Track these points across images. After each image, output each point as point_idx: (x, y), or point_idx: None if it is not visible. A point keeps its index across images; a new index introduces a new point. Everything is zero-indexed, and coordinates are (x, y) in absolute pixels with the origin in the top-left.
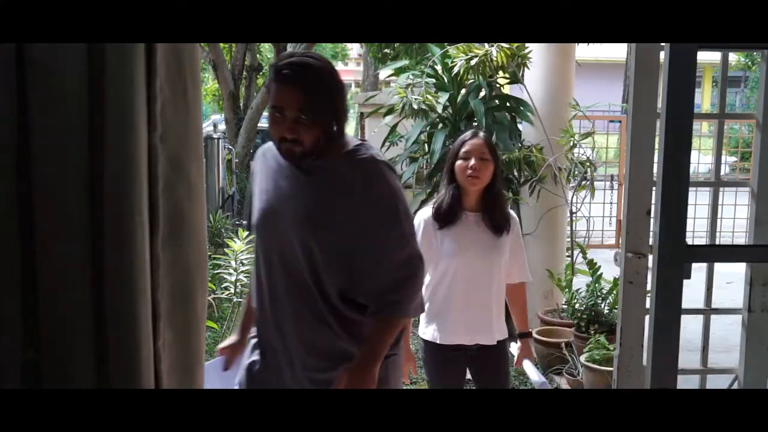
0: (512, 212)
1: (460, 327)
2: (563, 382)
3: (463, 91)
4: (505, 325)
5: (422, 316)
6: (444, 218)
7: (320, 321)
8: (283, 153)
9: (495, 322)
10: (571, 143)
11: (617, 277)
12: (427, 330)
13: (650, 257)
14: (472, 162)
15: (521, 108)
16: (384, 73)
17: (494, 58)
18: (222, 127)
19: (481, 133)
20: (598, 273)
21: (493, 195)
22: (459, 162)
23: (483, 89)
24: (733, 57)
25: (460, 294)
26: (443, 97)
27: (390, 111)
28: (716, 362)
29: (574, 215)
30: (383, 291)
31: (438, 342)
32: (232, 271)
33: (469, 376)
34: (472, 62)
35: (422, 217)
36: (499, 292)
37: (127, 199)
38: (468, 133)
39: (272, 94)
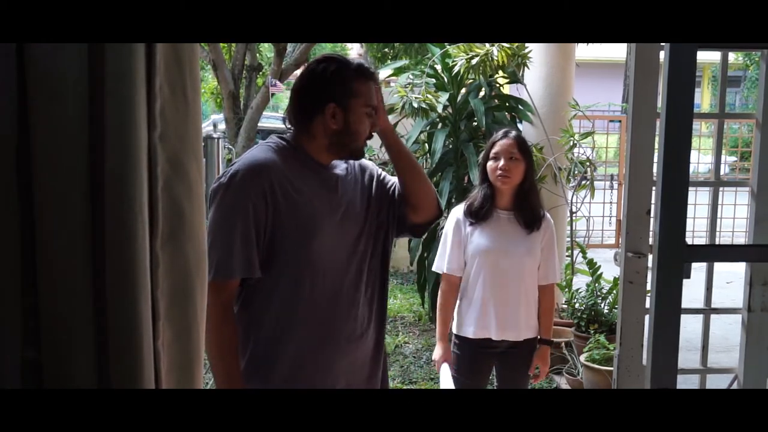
0: (547, 214)
1: (488, 322)
2: (563, 382)
3: (463, 90)
4: (537, 323)
5: (456, 312)
6: (475, 215)
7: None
8: (359, 152)
9: (524, 319)
10: (571, 143)
11: (617, 276)
12: (458, 324)
13: (650, 257)
14: (502, 162)
15: (521, 108)
16: (384, 73)
17: (495, 58)
18: (222, 126)
19: (512, 133)
20: (598, 273)
21: (524, 192)
22: (490, 162)
23: (483, 89)
24: (732, 56)
25: (490, 289)
26: (443, 97)
27: (390, 110)
28: (716, 362)
29: (574, 215)
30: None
31: (468, 336)
32: None
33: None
34: (473, 62)
35: (455, 214)
36: (529, 290)
37: (128, 198)
38: (499, 133)
39: (368, 93)
